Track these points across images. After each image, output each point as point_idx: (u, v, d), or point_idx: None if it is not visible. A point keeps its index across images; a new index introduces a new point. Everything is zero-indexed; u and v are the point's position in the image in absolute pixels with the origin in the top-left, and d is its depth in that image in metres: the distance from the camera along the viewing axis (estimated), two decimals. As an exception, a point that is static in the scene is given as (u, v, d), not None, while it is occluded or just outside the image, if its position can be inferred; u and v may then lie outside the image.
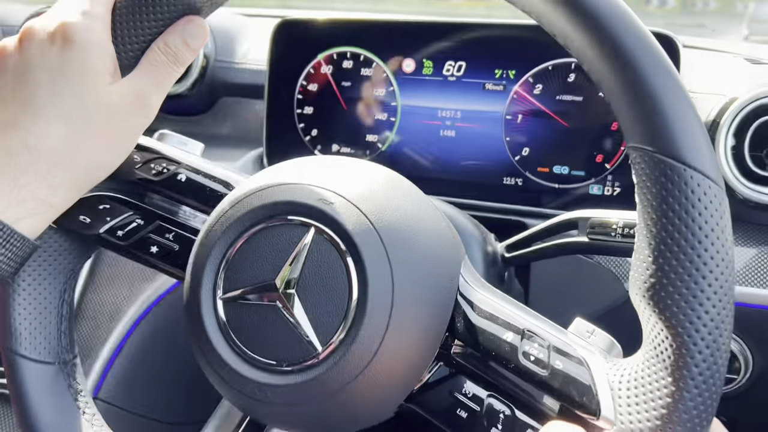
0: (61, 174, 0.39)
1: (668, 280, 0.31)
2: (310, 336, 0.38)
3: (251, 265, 0.40)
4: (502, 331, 0.39)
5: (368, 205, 0.39)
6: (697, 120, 0.32)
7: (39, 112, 0.39)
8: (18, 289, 0.48)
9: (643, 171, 0.32)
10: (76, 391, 0.50)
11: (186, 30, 0.42)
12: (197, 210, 0.49)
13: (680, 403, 0.31)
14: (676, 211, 0.31)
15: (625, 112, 0.33)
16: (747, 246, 0.69)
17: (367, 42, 0.80)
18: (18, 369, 0.48)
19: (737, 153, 0.67)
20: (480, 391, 0.40)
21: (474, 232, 0.61)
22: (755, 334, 0.69)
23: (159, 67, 0.42)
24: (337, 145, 0.83)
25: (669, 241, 0.31)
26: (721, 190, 0.32)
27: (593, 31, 0.32)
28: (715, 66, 0.79)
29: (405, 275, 0.38)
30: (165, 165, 0.49)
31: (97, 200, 0.49)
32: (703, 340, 0.31)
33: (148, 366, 0.81)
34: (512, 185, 0.76)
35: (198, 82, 0.92)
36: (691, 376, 0.31)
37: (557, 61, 0.73)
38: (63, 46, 0.39)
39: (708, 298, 0.31)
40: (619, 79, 0.32)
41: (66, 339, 0.50)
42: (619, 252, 0.52)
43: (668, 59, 0.32)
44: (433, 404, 0.40)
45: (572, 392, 0.35)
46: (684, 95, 0.32)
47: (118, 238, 0.48)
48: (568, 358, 0.36)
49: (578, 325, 0.39)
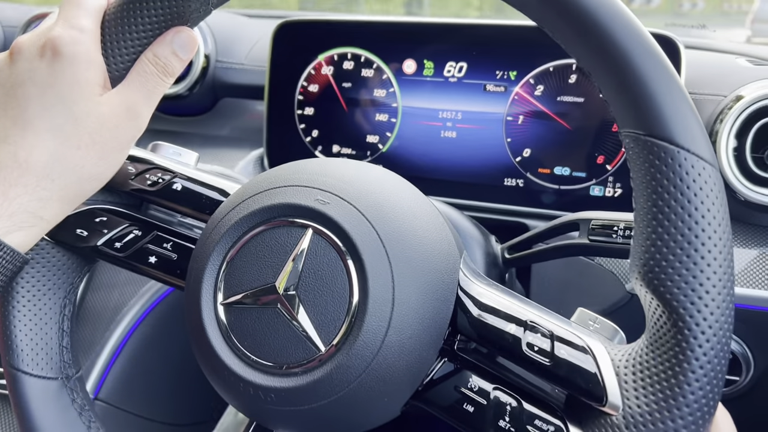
0: (50, 187, 0.40)
1: (667, 262, 0.31)
2: (312, 337, 0.38)
3: (250, 268, 0.40)
4: (504, 323, 0.39)
5: (365, 204, 0.39)
6: (688, 102, 0.32)
7: (28, 125, 0.39)
8: (17, 305, 0.48)
9: (637, 155, 0.33)
10: (80, 406, 0.50)
11: (175, 40, 0.42)
12: (194, 218, 0.49)
13: (686, 383, 0.31)
14: (672, 193, 0.31)
15: (616, 98, 0.33)
16: (748, 247, 0.68)
17: (368, 43, 0.80)
18: (21, 385, 0.48)
19: (739, 154, 0.67)
20: (486, 385, 0.39)
21: (475, 233, 0.61)
22: (757, 335, 0.69)
23: (148, 78, 0.42)
24: (338, 146, 0.83)
25: (666, 223, 0.31)
26: (715, 170, 0.32)
27: (581, 19, 0.33)
28: (716, 67, 0.78)
29: (405, 272, 0.38)
30: (160, 175, 0.49)
31: (93, 213, 0.49)
32: (705, 320, 0.31)
33: (148, 367, 0.80)
34: (513, 186, 0.76)
35: (198, 83, 0.92)
36: (695, 356, 0.31)
37: (558, 62, 0.73)
38: (52, 59, 0.39)
39: (708, 278, 0.31)
40: (608, 67, 0.33)
41: (68, 354, 0.50)
42: (620, 254, 0.52)
43: (656, 44, 0.33)
44: (439, 400, 0.40)
45: (578, 380, 0.36)
46: (673, 78, 0.32)
47: (116, 249, 0.48)
48: (572, 346, 0.37)
49: (581, 314, 0.39)
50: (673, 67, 0.32)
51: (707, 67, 0.77)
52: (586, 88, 0.72)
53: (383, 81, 0.80)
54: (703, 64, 0.78)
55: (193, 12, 0.41)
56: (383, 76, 0.80)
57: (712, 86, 0.73)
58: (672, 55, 0.67)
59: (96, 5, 0.41)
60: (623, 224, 0.52)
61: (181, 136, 0.97)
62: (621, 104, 0.33)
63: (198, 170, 0.50)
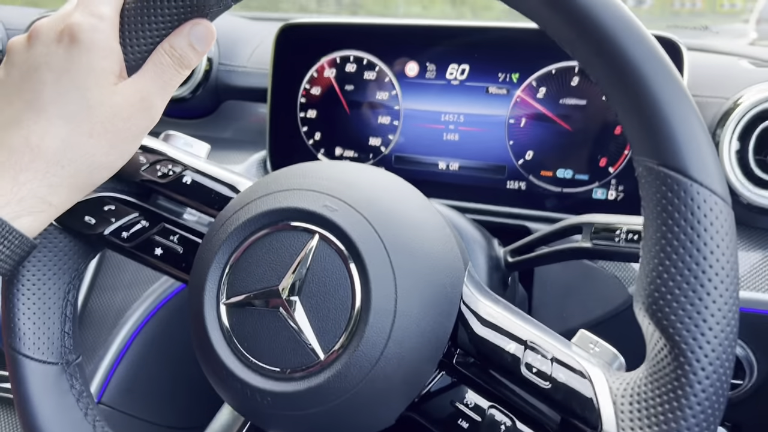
0: (60, 173, 0.40)
1: (672, 296, 0.31)
2: (312, 343, 0.38)
3: (255, 270, 0.40)
4: (505, 341, 0.38)
5: (372, 213, 0.39)
6: (704, 133, 0.32)
7: (42, 110, 0.39)
8: (22, 288, 0.48)
9: (650, 185, 0.32)
10: (78, 392, 0.50)
11: (192, 33, 0.42)
12: (202, 212, 0.49)
13: (682, 419, 0.30)
14: (682, 226, 0.31)
15: (631, 124, 0.33)
16: (751, 250, 0.68)
17: (371, 45, 0.80)
18: (21, 369, 0.48)
19: (741, 157, 0.67)
20: (482, 402, 0.39)
21: (477, 236, 0.61)
22: (760, 339, 0.69)
23: (164, 69, 0.42)
24: (340, 149, 0.83)
25: (674, 256, 0.31)
26: (727, 206, 0.31)
27: (599, 40, 0.32)
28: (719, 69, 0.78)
29: (408, 283, 0.38)
30: (171, 167, 0.49)
31: (102, 201, 0.49)
32: (706, 356, 0.30)
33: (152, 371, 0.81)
34: (515, 189, 0.76)
35: (201, 86, 0.92)
36: (694, 392, 0.30)
37: (560, 65, 0.72)
38: (69, 45, 0.39)
39: (712, 315, 0.30)
40: (625, 91, 0.32)
41: (69, 339, 0.50)
42: (623, 257, 0.52)
43: (675, 69, 0.32)
44: (434, 413, 0.40)
45: (574, 405, 0.35)
46: (690, 107, 0.32)
47: (122, 239, 0.48)
48: (571, 370, 0.36)
49: (582, 336, 0.39)
50: (690, 95, 0.32)
51: (709, 70, 0.77)
52: (588, 90, 0.72)
53: (385, 84, 0.80)
54: (705, 66, 0.77)
55: (213, 5, 0.41)
56: (385, 79, 0.80)
57: (715, 88, 0.73)
58: (674, 58, 0.67)
59: None
60: (626, 227, 0.52)
61: (184, 138, 0.97)
62: (636, 131, 0.32)
63: (208, 163, 0.50)
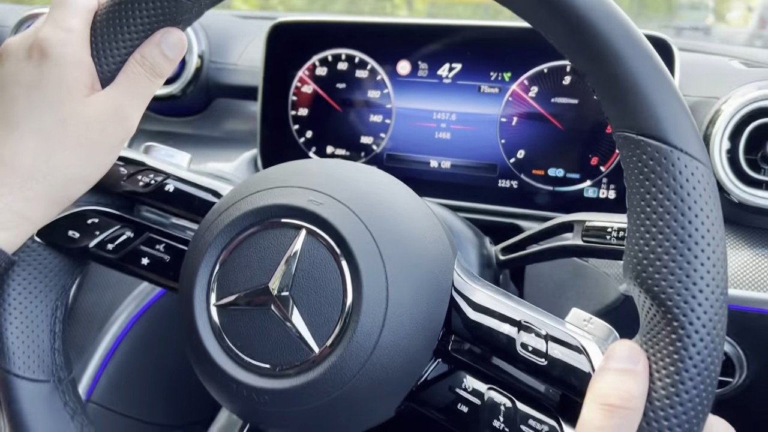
0: (36, 187, 0.39)
1: (660, 261, 0.31)
2: (306, 338, 0.38)
3: (244, 270, 0.39)
4: (498, 323, 0.39)
5: (358, 204, 0.39)
6: (680, 101, 0.32)
7: (14, 126, 0.39)
8: (9, 308, 0.48)
9: (630, 155, 0.33)
10: (72, 409, 0.49)
11: (164, 41, 0.42)
12: (187, 220, 0.49)
13: (680, 382, 0.31)
14: (665, 192, 0.31)
15: (609, 99, 0.33)
16: (742, 249, 0.68)
17: (362, 44, 0.80)
18: (12, 389, 0.47)
19: (732, 156, 0.67)
20: (480, 385, 0.39)
21: (469, 234, 0.61)
22: (750, 336, 0.69)
23: (137, 79, 0.42)
24: (332, 147, 0.83)
25: (659, 222, 0.31)
26: (707, 170, 0.32)
27: (573, 20, 0.32)
28: (710, 69, 0.79)
29: (398, 271, 0.38)
30: (152, 176, 0.49)
31: (84, 215, 0.48)
32: (698, 318, 0.30)
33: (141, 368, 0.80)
34: (507, 188, 0.76)
35: (192, 84, 0.91)
36: (689, 354, 0.30)
37: (552, 64, 0.73)
38: (39, 60, 0.39)
39: (701, 277, 0.31)
40: (601, 67, 0.32)
41: (60, 356, 0.50)
42: (614, 255, 0.52)
43: (649, 45, 0.33)
44: (434, 401, 0.40)
45: (572, 380, 0.36)
46: (666, 78, 0.32)
47: (108, 251, 0.48)
48: (566, 346, 0.36)
49: (575, 314, 0.39)
50: (666, 68, 0.32)
51: (701, 69, 0.77)
52: (580, 89, 0.72)
53: (377, 82, 0.80)
54: (696, 66, 0.78)
55: (184, 13, 0.41)
56: (377, 77, 0.79)
57: (706, 88, 0.73)
58: (666, 58, 0.68)
59: (85, 5, 0.41)
60: (617, 226, 0.52)
61: (175, 136, 0.97)
62: (614, 104, 0.33)
63: (190, 172, 0.50)
